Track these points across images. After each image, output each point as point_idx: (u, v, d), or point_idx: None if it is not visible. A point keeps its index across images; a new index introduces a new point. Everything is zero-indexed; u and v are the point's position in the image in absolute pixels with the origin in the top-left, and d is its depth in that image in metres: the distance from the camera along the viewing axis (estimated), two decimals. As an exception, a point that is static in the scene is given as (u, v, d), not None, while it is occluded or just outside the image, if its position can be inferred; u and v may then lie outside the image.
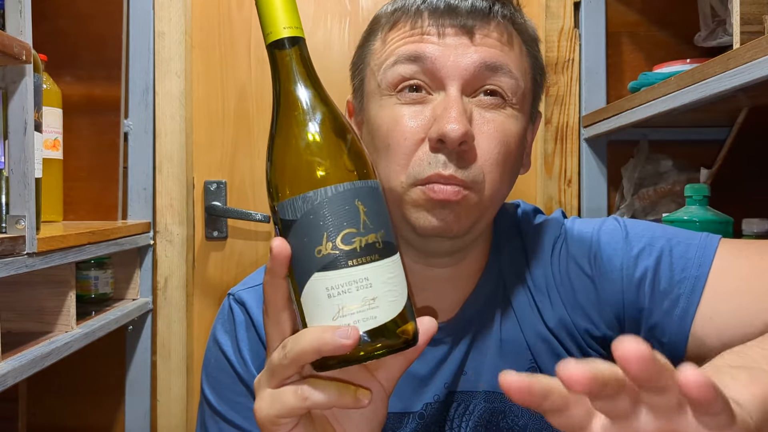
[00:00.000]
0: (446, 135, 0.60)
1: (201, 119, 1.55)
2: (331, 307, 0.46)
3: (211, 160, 1.55)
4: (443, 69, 0.63)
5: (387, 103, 0.66)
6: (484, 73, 0.64)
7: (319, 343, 0.45)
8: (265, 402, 0.48)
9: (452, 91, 0.63)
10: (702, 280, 0.66)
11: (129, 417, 1.49)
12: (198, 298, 1.55)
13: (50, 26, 1.39)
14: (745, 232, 1.06)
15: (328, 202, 0.47)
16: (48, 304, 1.06)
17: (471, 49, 0.64)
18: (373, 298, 0.46)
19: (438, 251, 0.69)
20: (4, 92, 0.89)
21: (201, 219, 1.55)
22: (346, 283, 0.46)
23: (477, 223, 0.66)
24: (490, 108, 0.65)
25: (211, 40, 1.55)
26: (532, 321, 0.71)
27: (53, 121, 1.26)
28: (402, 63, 0.64)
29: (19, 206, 0.89)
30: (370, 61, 0.69)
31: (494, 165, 0.64)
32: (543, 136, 1.52)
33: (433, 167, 0.62)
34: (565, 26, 1.52)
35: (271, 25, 0.50)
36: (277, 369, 0.48)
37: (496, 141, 0.64)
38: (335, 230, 0.46)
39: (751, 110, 1.20)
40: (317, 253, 0.46)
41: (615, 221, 0.74)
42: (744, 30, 0.85)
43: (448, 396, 0.71)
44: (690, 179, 1.34)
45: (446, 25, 0.65)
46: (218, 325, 0.75)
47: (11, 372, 0.84)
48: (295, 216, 0.47)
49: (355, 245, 0.46)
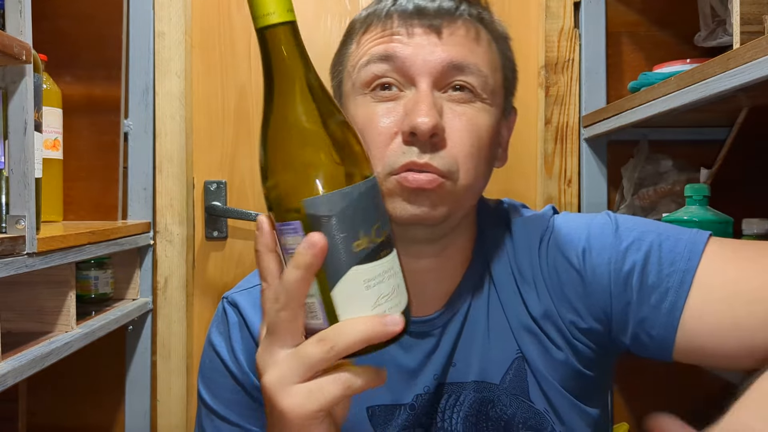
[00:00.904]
0: (417, 127, 0.63)
1: (201, 119, 1.55)
2: (369, 297, 0.48)
3: (211, 160, 1.55)
4: (413, 67, 0.66)
5: (362, 101, 0.68)
6: (452, 71, 0.66)
7: (372, 333, 0.47)
8: (301, 398, 0.48)
9: (422, 86, 0.66)
10: (690, 273, 0.66)
11: (129, 417, 1.49)
12: (198, 298, 1.55)
13: (50, 26, 1.38)
14: (745, 232, 1.06)
15: (362, 197, 0.48)
16: (48, 304, 1.06)
17: (439, 47, 0.67)
18: (397, 284, 0.50)
19: (417, 239, 0.70)
20: (4, 92, 0.89)
21: (201, 219, 1.55)
22: (381, 273, 0.48)
23: (454, 212, 0.68)
24: (460, 102, 0.67)
25: (211, 40, 1.55)
26: (517, 312, 0.72)
27: (53, 121, 1.26)
28: (374, 62, 0.67)
29: (19, 206, 0.89)
30: (347, 63, 0.72)
31: (467, 156, 0.66)
32: (543, 136, 1.53)
33: (407, 156, 0.64)
34: (565, 26, 1.52)
35: (269, 6, 0.49)
36: (318, 363, 0.48)
37: (468, 133, 0.66)
38: (368, 224, 0.48)
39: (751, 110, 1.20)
40: (356, 247, 0.47)
41: (606, 216, 0.75)
42: (744, 30, 0.85)
43: (438, 387, 0.72)
44: (690, 179, 1.34)
45: (415, 25, 0.67)
46: (213, 327, 0.77)
47: (11, 372, 0.84)
48: (331, 212, 0.47)
49: (383, 237, 0.49)
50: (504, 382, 0.72)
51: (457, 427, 0.72)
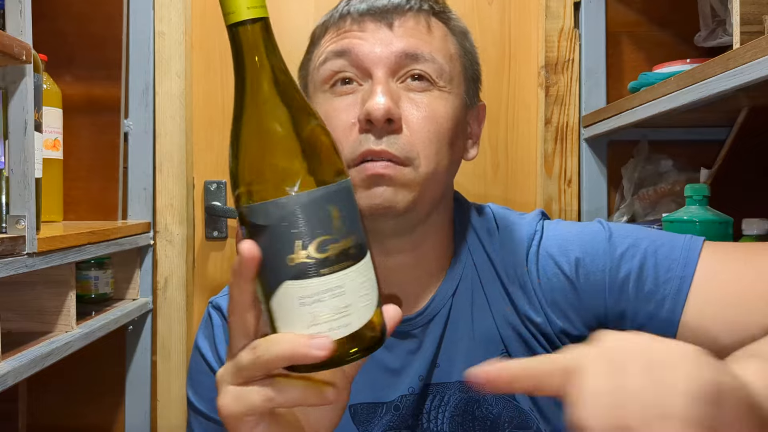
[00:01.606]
0: (371, 112, 0.63)
1: (201, 119, 1.55)
2: (303, 316, 0.45)
3: (211, 160, 1.55)
4: (367, 58, 0.67)
5: (322, 98, 0.70)
6: (405, 60, 0.68)
7: (293, 353, 0.45)
8: (229, 399, 0.49)
9: (378, 75, 0.67)
10: (687, 281, 0.66)
11: (129, 417, 1.49)
12: (198, 298, 1.55)
13: (50, 26, 1.38)
14: (745, 232, 1.06)
15: (301, 209, 0.44)
16: (48, 304, 1.06)
17: (392, 38, 0.68)
18: (346, 305, 0.45)
19: (386, 232, 0.70)
20: (4, 92, 0.89)
21: (201, 219, 1.55)
22: (319, 293, 0.45)
23: (419, 201, 0.67)
24: (418, 90, 0.68)
25: (211, 40, 1.55)
26: (504, 312, 0.72)
27: (53, 121, 1.26)
28: (331, 59, 0.69)
29: (19, 206, 0.89)
30: (309, 67, 0.74)
31: (426, 142, 0.66)
32: (543, 136, 1.53)
33: (364, 144, 0.65)
34: (565, 26, 1.52)
35: (236, 4, 0.47)
36: (245, 370, 0.48)
37: (426, 119, 0.67)
38: (309, 238, 0.44)
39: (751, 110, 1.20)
40: (289, 261, 0.44)
41: (599, 223, 0.75)
42: (744, 30, 0.85)
43: (423, 389, 0.72)
44: (690, 179, 1.34)
45: (367, 21, 0.69)
46: (199, 332, 0.79)
47: (11, 372, 0.84)
48: (266, 221, 0.45)
49: (328, 253, 0.45)
50: None
51: (443, 428, 0.72)
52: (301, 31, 1.63)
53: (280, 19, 1.52)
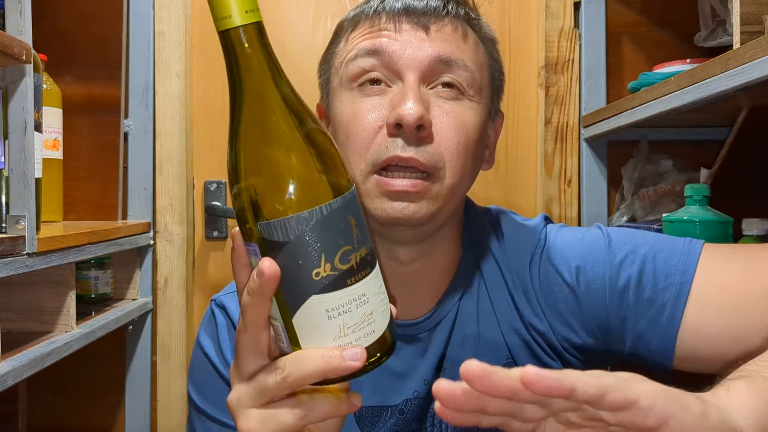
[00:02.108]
0: (402, 118, 0.62)
1: (201, 119, 1.55)
2: (331, 328, 0.44)
3: (211, 160, 1.55)
4: (400, 61, 0.66)
5: (348, 96, 0.68)
6: (439, 66, 0.66)
7: (326, 368, 0.44)
8: (255, 423, 0.47)
9: (409, 80, 0.65)
10: (686, 286, 0.66)
11: (129, 417, 1.49)
12: (198, 298, 1.55)
13: (50, 26, 1.38)
14: (745, 232, 1.06)
15: (323, 222, 0.43)
16: (48, 304, 1.06)
17: (426, 43, 0.66)
18: (370, 312, 0.45)
19: (402, 240, 0.69)
20: (4, 92, 0.89)
21: (201, 219, 1.55)
22: (346, 303, 0.44)
23: (439, 212, 0.66)
24: (448, 99, 0.67)
25: (211, 40, 1.55)
26: (510, 318, 0.72)
27: (53, 121, 1.26)
28: (362, 57, 0.67)
29: (19, 206, 0.89)
30: (334, 61, 0.72)
31: (454, 153, 0.65)
32: (543, 136, 1.52)
33: (390, 150, 0.63)
34: (565, 26, 1.52)
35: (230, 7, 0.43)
36: (272, 391, 0.46)
37: (456, 130, 0.66)
38: (332, 250, 0.44)
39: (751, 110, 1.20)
40: (315, 275, 0.43)
41: (598, 229, 0.74)
42: (744, 30, 0.85)
43: (428, 393, 0.71)
44: (690, 179, 1.34)
45: (403, 21, 0.67)
46: (201, 329, 0.77)
47: (11, 372, 0.84)
48: (287, 237, 0.43)
49: (351, 263, 0.44)
50: None
51: None
52: (301, 31, 1.64)
53: (281, 19, 1.52)
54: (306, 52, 1.52)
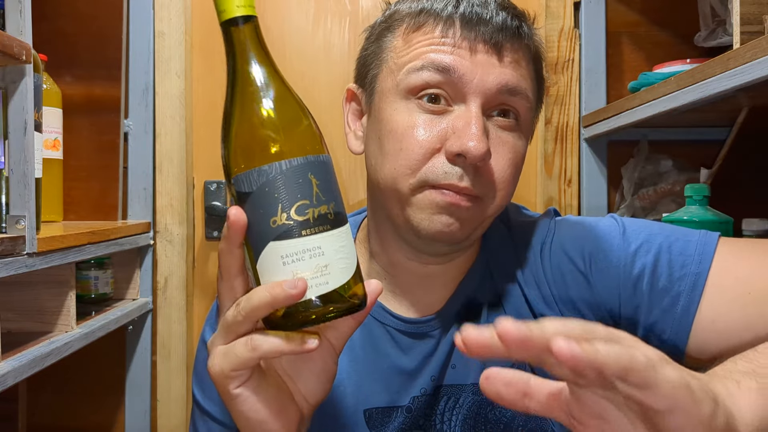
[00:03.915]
0: (468, 151, 0.62)
1: (201, 119, 1.55)
2: (285, 274, 0.49)
3: (211, 160, 1.55)
4: (469, 84, 0.64)
5: (405, 106, 0.66)
6: (504, 95, 0.66)
7: (271, 296, 0.47)
8: (218, 358, 0.51)
9: (473, 107, 0.64)
10: (703, 277, 0.65)
11: (129, 417, 1.49)
12: (198, 298, 1.55)
13: (50, 26, 1.38)
14: (745, 232, 1.06)
15: (282, 176, 0.49)
16: (48, 304, 1.06)
17: (497, 69, 0.65)
18: (325, 265, 0.49)
19: (436, 253, 0.70)
20: (4, 92, 0.89)
21: (201, 219, 1.55)
22: (299, 251, 0.49)
23: (475, 232, 0.68)
24: (505, 128, 0.67)
25: (211, 40, 1.55)
26: (520, 312, 0.72)
27: (53, 121, 1.26)
28: (429, 70, 0.65)
29: (19, 206, 0.89)
30: (389, 58, 0.69)
31: (505, 183, 0.67)
32: (543, 136, 1.52)
33: (449, 177, 0.64)
34: (565, 26, 1.52)
35: (224, 3, 0.52)
36: (232, 326, 0.50)
37: (509, 162, 0.67)
38: (289, 202, 0.49)
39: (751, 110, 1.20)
40: (272, 223, 0.49)
41: (612, 218, 0.74)
42: (744, 30, 0.85)
43: (435, 389, 0.72)
44: (690, 179, 1.34)
45: (478, 40, 0.65)
46: (206, 326, 0.77)
47: (11, 372, 0.84)
48: (250, 188, 0.49)
49: (308, 216, 0.49)
50: None
51: (455, 430, 0.71)
52: (301, 31, 1.64)
53: (281, 18, 1.52)
54: (306, 52, 1.51)
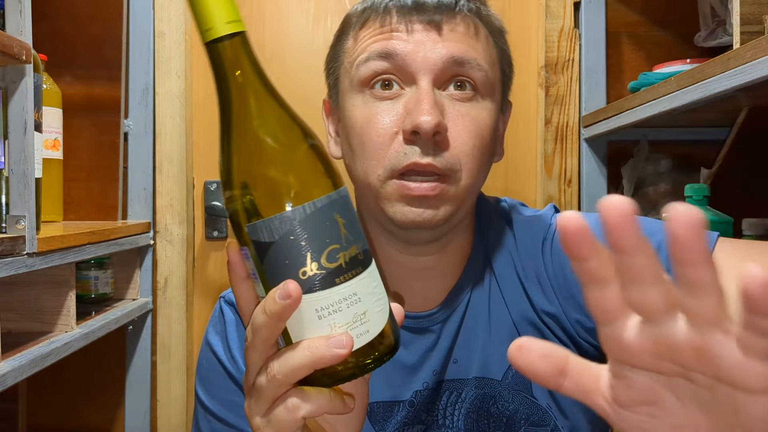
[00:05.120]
0: (420, 126, 0.62)
1: (201, 119, 1.55)
2: (322, 329, 0.44)
3: (211, 160, 1.55)
4: (414, 64, 0.65)
5: (361, 100, 0.68)
6: (453, 66, 0.66)
7: (314, 356, 0.43)
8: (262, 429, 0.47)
9: (423, 84, 0.65)
10: None
11: (129, 417, 1.49)
12: (198, 298, 1.55)
13: (50, 26, 1.38)
14: (745, 232, 1.07)
15: (307, 221, 0.43)
16: (48, 304, 1.06)
17: (439, 44, 0.66)
18: (363, 312, 0.45)
19: (419, 240, 0.70)
20: (4, 92, 0.89)
21: (201, 219, 1.55)
22: (336, 302, 0.44)
23: (455, 213, 0.67)
24: (462, 100, 0.66)
25: (211, 40, 1.55)
26: (521, 307, 0.72)
27: (53, 121, 1.26)
28: (374, 59, 0.66)
29: (19, 206, 0.89)
30: (344, 59, 0.71)
31: (470, 155, 0.66)
32: (543, 136, 1.53)
33: (409, 157, 0.64)
34: (565, 26, 1.52)
35: (210, 20, 0.46)
36: (266, 392, 0.46)
37: (470, 132, 0.66)
38: (318, 249, 0.43)
39: (751, 110, 1.20)
40: (302, 275, 0.43)
41: None
42: (744, 30, 0.85)
43: (438, 384, 0.72)
44: (690, 179, 1.34)
45: (414, 21, 0.66)
46: (210, 327, 0.76)
47: (11, 372, 0.84)
48: (272, 238, 0.43)
49: (339, 261, 0.44)
50: (506, 378, 0.72)
51: (458, 424, 0.71)
52: (301, 31, 1.64)
53: (280, 18, 1.52)
54: (306, 52, 1.52)
